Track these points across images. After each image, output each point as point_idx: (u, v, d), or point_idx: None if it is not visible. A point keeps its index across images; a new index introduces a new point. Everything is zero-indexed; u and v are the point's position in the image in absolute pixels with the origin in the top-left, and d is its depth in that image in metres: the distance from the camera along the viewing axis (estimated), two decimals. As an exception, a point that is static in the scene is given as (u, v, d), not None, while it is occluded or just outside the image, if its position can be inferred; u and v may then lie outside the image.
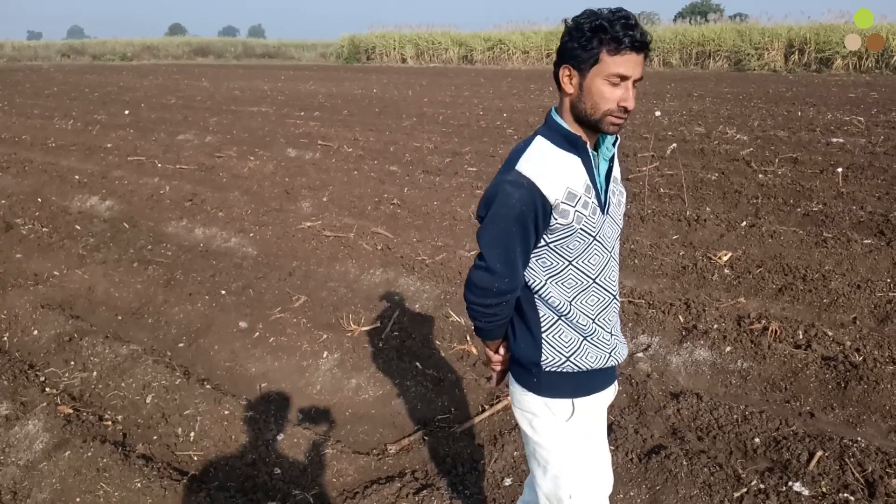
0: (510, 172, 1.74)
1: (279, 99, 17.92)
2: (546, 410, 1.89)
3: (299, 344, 4.27)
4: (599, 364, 1.88)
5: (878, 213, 6.06)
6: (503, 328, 1.90)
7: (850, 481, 2.82)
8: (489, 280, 1.77)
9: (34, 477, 3.06)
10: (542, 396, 1.89)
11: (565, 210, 1.72)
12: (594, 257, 1.81)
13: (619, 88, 1.66)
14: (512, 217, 1.70)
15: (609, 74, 1.64)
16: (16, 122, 13.78)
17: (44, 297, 5.04)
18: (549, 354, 1.85)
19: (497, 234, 1.74)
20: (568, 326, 1.84)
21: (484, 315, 1.84)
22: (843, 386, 3.58)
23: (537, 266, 1.82)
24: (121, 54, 45.06)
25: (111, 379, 3.90)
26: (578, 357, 1.85)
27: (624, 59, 1.62)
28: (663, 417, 3.42)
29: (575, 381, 1.88)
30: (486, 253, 1.76)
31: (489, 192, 1.77)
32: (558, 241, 1.77)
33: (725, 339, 4.05)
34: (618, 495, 2.83)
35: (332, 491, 3.04)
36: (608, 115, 1.68)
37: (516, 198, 1.69)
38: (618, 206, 1.88)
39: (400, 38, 37.65)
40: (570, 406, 1.88)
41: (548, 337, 1.85)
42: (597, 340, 1.87)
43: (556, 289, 1.82)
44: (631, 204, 6.81)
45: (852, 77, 22.10)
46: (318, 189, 7.83)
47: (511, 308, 1.85)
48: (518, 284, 1.80)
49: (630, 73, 1.64)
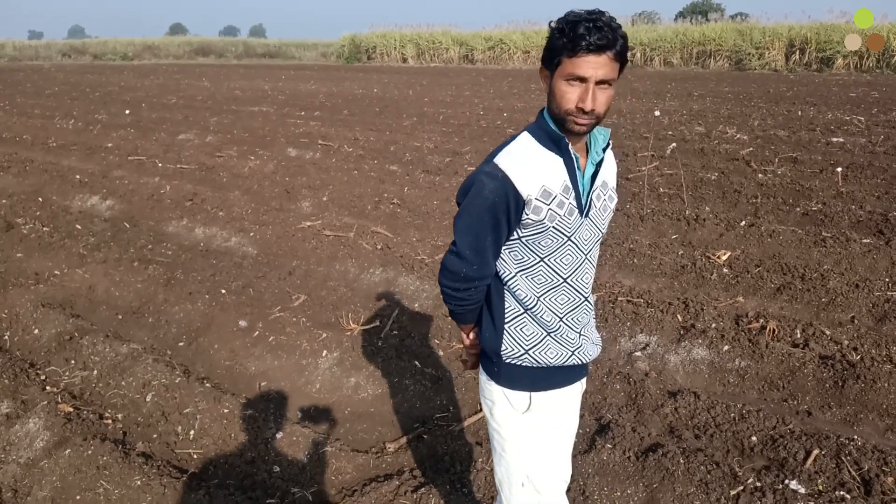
0: (489, 164, 1.78)
1: (280, 98, 17.94)
2: (505, 400, 1.94)
3: (299, 343, 4.29)
4: (559, 361, 1.90)
5: (878, 213, 6.07)
6: (474, 314, 1.96)
7: (847, 479, 2.84)
8: (458, 265, 1.82)
9: (34, 475, 3.08)
10: (502, 386, 1.94)
11: (538, 207, 1.75)
12: (567, 257, 1.84)
13: (577, 89, 1.67)
14: (485, 207, 1.75)
15: (567, 75, 1.66)
16: (17, 121, 13.80)
17: (44, 297, 5.06)
18: (508, 345, 1.89)
19: (469, 222, 1.79)
20: (532, 320, 1.88)
21: (452, 298, 1.90)
22: (841, 385, 3.59)
23: (509, 258, 1.86)
24: (122, 54, 45.09)
25: (111, 378, 3.91)
26: (538, 352, 1.88)
27: (581, 60, 1.63)
28: (661, 416, 3.43)
29: (533, 375, 1.91)
30: (458, 239, 1.82)
31: (467, 181, 1.82)
32: (531, 236, 1.80)
33: (723, 338, 4.06)
34: (615, 493, 2.85)
35: (331, 489, 3.06)
36: (569, 115, 1.70)
37: (490, 189, 1.74)
38: (602, 211, 1.89)
39: (401, 37, 37.67)
40: (528, 399, 1.92)
41: (510, 328, 1.89)
42: (560, 338, 1.89)
43: (525, 283, 1.85)
44: (630, 203, 6.83)
45: (853, 76, 22.09)
46: (319, 188, 7.84)
47: (481, 295, 1.90)
48: (487, 273, 1.85)
49: (588, 74, 1.64)
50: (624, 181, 7.63)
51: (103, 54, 45.56)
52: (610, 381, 3.73)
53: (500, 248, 1.84)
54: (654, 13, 39.43)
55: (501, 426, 1.97)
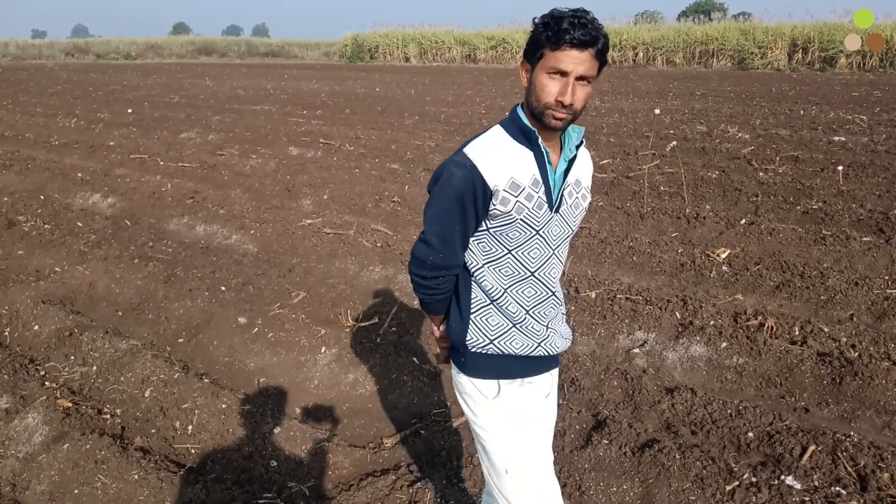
0: (458, 154, 1.81)
1: (282, 97, 17.96)
2: (475, 391, 1.97)
3: (298, 339, 4.30)
4: (525, 351, 1.93)
5: (878, 211, 6.06)
6: (443, 304, 1.97)
7: (843, 475, 2.84)
8: (426, 252, 1.84)
9: (33, 469, 3.09)
10: (469, 376, 1.96)
11: (506, 198, 1.78)
12: (535, 251, 1.87)
13: (557, 82, 1.70)
14: (452, 196, 1.78)
15: (549, 68, 1.70)
16: (19, 120, 13.84)
17: (45, 293, 5.08)
18: (473, 335, 1.92)
19: (438, 211, 1.81)
20: (497, 311, 1.90)
21: (421, 287, 1.92)
22: (838, 381, 3.59)
23: (477, 249, 1.88)
24: (125, 53, 45.17)
25: (110, 373, 3.93)
26: (503, 341, 1.91)
27: (564, 54, 1.67)
28: (658, 412, 3.43)
29: (499, 363, 1.93)
30: (426, 227, 1.84)
31: (437, 170, 1.84)
32: (498, 227, 1.83)
33: (721, 335, 4.06)
34: (611, 488, 2.85)
35: (328, 483, 3.07)
36: (548, 108, 1.73)
37: (458, 178, 1.77)
38: (573, 209, 1.91)
39: (403, 37, 37.68)
40: (497, 386, 1.94)
41: (475, 318, 1.92)
42: (526, 329, 1.92)
43: (492, 274, 1.88)
44: (631, 201, 6.83)
45: (856, 76, 22.05)
46: (319, 187, 7.85)
47: (449, 285, 1.92)
48: (454, 262, 1.86)
49: (569, 68, 1.68)
50: (624, 179, 7.63)
51: (106, 53, 45.64)
52: (607, 377, 3.73)
53: (468, 237, 1.86)
54: (657, 13, 39.45)
55: (479, 417, 1.99)
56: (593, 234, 5.82)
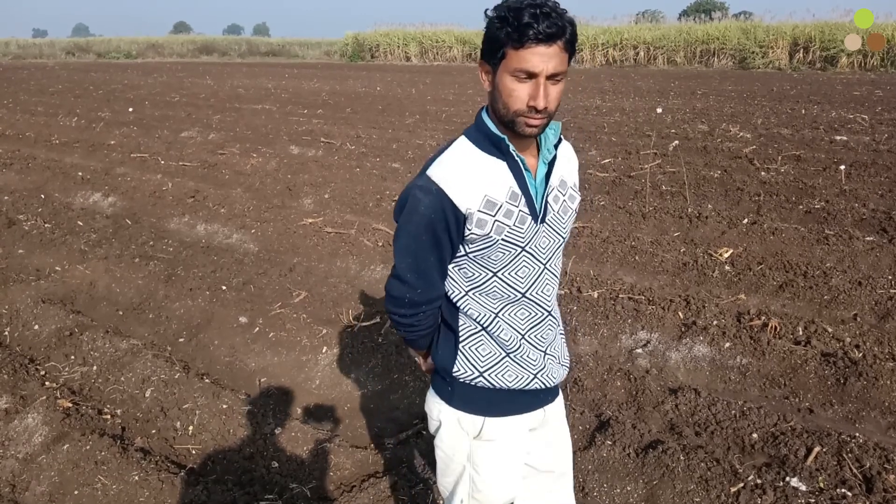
0: (421, 177, 1.59)
1: (283, 97, 17.94)
2: (455, 422, 1.75)
3: (299, 339, 4.28)
4: (519, 385, 1.72)
5: (881, 211, 6.04)
6: (427, 338, 1.77)
7: (848, 477, 2.82)
8: (401, 290, 1.65)
9: (33, 470, 3.08)
10: (454, 408, 1.75)
11: (482, 220, 1.56)
12: (522, 269, 1.66)
13: (526, 85, 1.48)
14: (422, 225, 1.57)
15: (514, 70, 1.47)
16: (20, 119, 13.82)
17: (45, 292, 5.06)
18: (461, 366, 1.71)
19: (408, 243, 1.61)
20: (489, 339, 1.69)
21: (402, 326, 1.72)
22: (843, 382, 3.57)
23: (458, 276, 1.68)
24: (125, 52, 45.17)
25: (111, 373, 3.91)
26: (494, 374, 1.70)
27: (529, 52, 1.44)
28: (661, 413, 3.41)
29: (488, 397, 1.72)
30: (397, 262, 1.65)
31: (401, 198, 1.63)
32: (478, 251, 1.62)
33: (725, 336, 4.04)
34: (615, 490, 2.84)
35: (330, 484, 3.05)
36: (519, 115, 1.51)
37: (425, 205, 1.55)
38: (562, 214, 1.70)
39: (404, 36, 37.65)
40: (480, 423, 1.73)
41: (464, 348, 1.71)
42: (521, 359, 1.71)
43: (478, 300, 1.68)
44: (632, 201, 6.81)
45: (857, 75, 22.01)
46: (320, 186, 7.83)
47: (431, 319, 1.72)
48: (435, 295, 1.67)
49: (537, 68, 1.45)
50: (626, 179, 7.61)
51: (107, 52, 45.63)
52: (610, 377, 3.71)
53: (446, 266, 1.66)
54: (658, 12, 39.31)
55: (444, 443, 1.80)
56: (595, 234, 5.80)
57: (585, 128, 11.21)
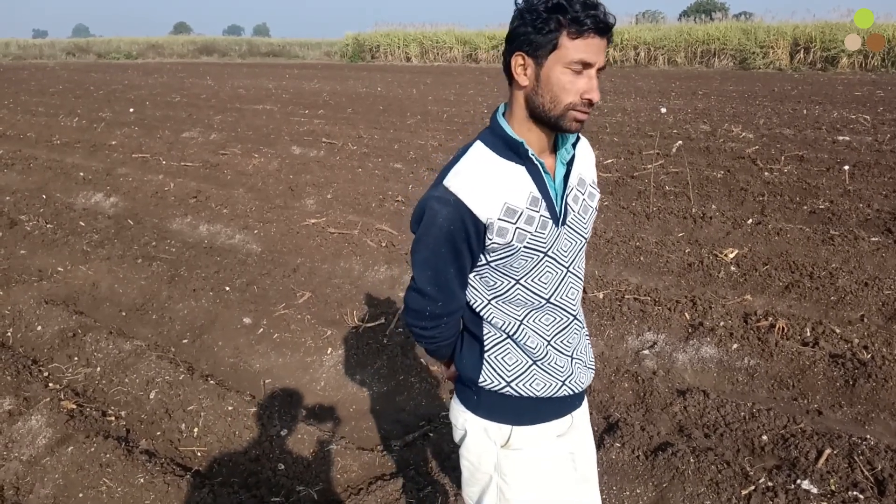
0: (438, 187, 1.54)
1: (284, 97, 17.92)
2: (481, 432, 1.70)
3: (303, 340, 4.26)
4: (547, 393, 1.68)
5: (886, 211, 6.02)
6: (449, 348, 1.73)
7: (860, 479, 2.79)
8: (422, 303, 1.61)
9: (37, 472, 3.05)
10: (480, 417, 1.70)
11: (503, 229, 1.52)
12: (546, 275, 1.61)
13: (582, 78, 1.44)
14: (441, 237, 1.52)
15: (570, 61, 1.42)
16: (21, 119, 13.80)
17: (48, 293, 5.04)
18: (487, 376, 1.66)
19: (427, 255, 1.56)
20: (515, 348, 1.65)
21: (423, 338, 1.68)
22: (852, 383, 3.55)
23: (480, 284, 1.63)
24: (126, 53, 45.13)
25: (115, 374, 3.89)
26: (522, 383, 1.66)
27: (587, 43, 1.41)
28: (670, 415, 3.39)
29: (517, 405, 1.68)
30: (417, 275, 1.61)
31: (418, 208, 1.58)
32: (500, 260, 1.57)
33: (732, 337, 4.02)
34: (624, 492, 2.81)
35: (337, 487, 3.03)
36: (571, 109, 1.46)
37: (443, 216, 1.50)
38: (582, 214, 1.65)
39: (404, 36, 37.62)
40: (508, 432, 1.68)
41: (490, 357, 1.66)
42: (548, 366, 1.67)
43: (503, 307, 1.63)
44: (636, 201, 6.78)
45: (858, 75, 21.99)
46: (323, 186, 7.81)
47: (454, 329, 1.68)
48: (456, 306, 1.63)
49: (594, 59, 1.43)
50: (629, 179, 7.59)
51: (107, 53, 45.59)
52: (618, 379, 3.69)
53: (466, 276, 1.62)
54: (658, 12, 39.29)
55: (470, 453, 1.75)
56: (599, 234, 5.78)
57: (587, 128, 11.18)
